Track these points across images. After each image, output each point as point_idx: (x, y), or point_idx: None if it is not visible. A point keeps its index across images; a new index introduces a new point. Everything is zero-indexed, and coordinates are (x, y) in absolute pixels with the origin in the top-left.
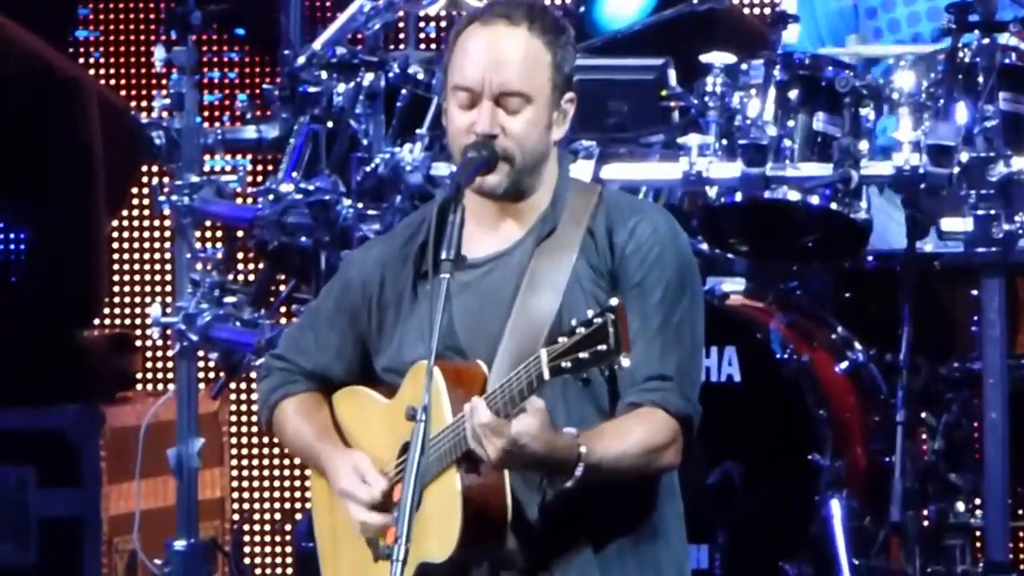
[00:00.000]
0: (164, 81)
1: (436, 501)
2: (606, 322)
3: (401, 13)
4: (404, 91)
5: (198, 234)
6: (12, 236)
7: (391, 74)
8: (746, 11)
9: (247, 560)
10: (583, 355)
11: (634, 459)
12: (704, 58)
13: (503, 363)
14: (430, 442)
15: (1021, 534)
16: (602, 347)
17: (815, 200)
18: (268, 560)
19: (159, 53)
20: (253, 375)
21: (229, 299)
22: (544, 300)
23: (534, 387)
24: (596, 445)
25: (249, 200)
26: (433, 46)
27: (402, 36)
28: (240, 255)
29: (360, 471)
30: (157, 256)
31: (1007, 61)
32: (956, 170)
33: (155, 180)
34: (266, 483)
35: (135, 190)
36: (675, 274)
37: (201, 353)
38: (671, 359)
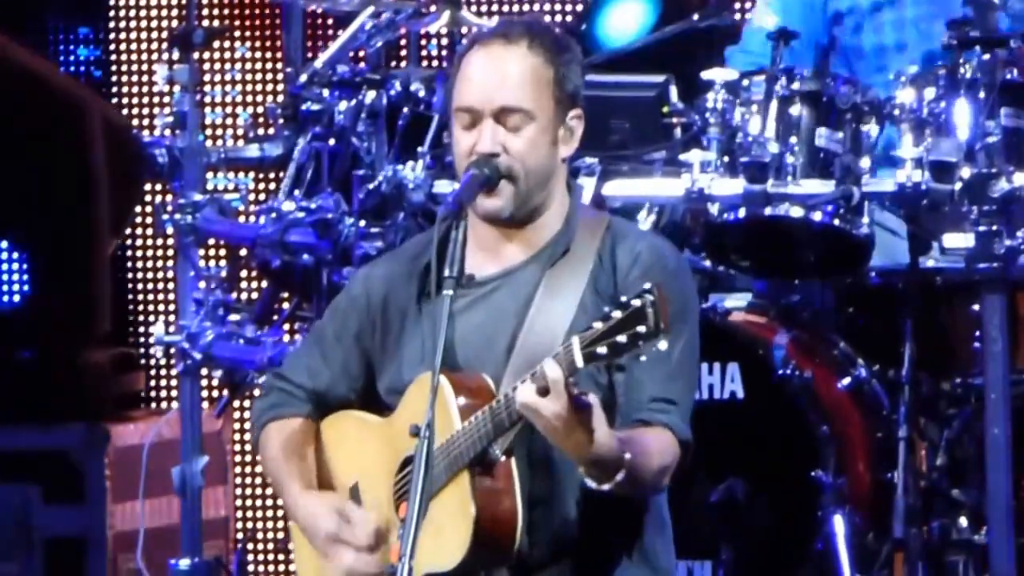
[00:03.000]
0: (166, 99)
1: (445, 508)
2: (644, 303)
3: (402, 31)
4: (405, 109)
5: (201, 253)
6: (16, 256)
7: (392, 92)
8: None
9: None
10: (620, 338)
11: (651, 477)
12: (705, 74)
13: (513, 376)
14: (438, 451)
15: None
16: (641, 328)
17: (817, 217)
18: None
19: (161, 71)
20: (257, 393)
21: (232, 317)
22: (555, 320)
23: (567, 374)
24: (635, 455)
25: (252, 218)
26: (434, 64)
27: (403, 54)
28: (243, 273)
29: (343, 513)
30: (160, 275)
31: (1008, 77)
32: (958, 186)
33: (158, 199)
34: (270, 502)
35: (138, 209)
36: (679, 303)
37: (204, 372)
38: (675, 385)
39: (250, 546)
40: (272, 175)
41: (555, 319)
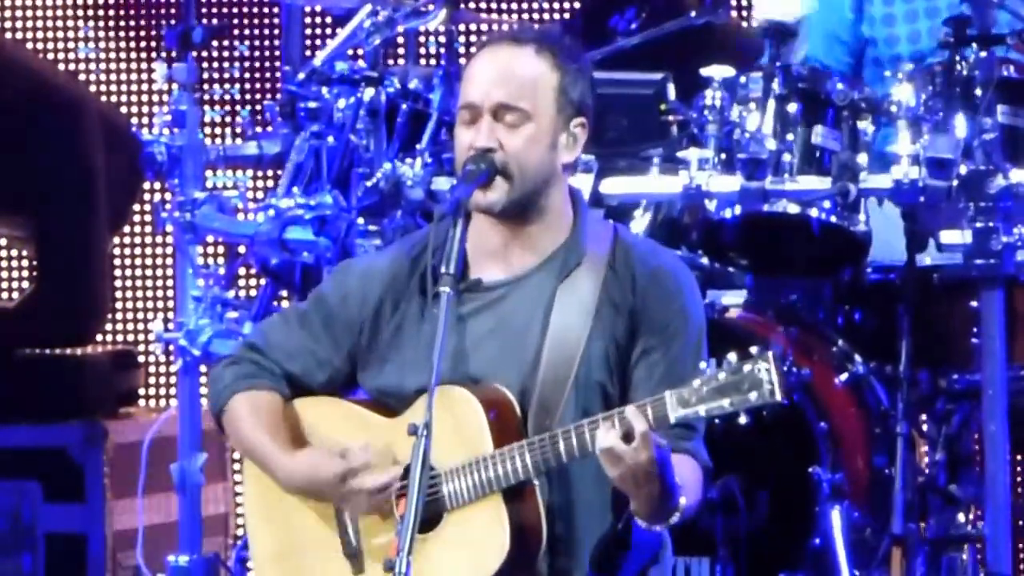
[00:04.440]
0: (165, 98)
1: (474, 525)
2: (758, 368)
3: (400, 29)
4: (404, 107)
5: (199, 250)
6: (14, 253)
7: (391, 90)
8: (744, 24)
9: None
10: (724, 402)
11: (690, 513)
12: (703, 72)
13: (544, 397)
14: (463, 465)
15: (1022, 546)
16: (753, 395)
17: (814, 213)
18: None
19: (160, 70)
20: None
21: (230, 315)
22: (573, 334)
23: (653, 428)
24: (688, 497)
25: (250, 216)
26: (433, 61)
27: (401, 51)
28: (241, 271)
29: (341, 451)
30: (159, 272)
31: (1005, 74)
32: (955, 183)
33: (157, 197)
34: None
35: (137, 207)
36: (696, 326)
37: (203, 368)
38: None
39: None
40: (271, 173)
41: (572, 335)
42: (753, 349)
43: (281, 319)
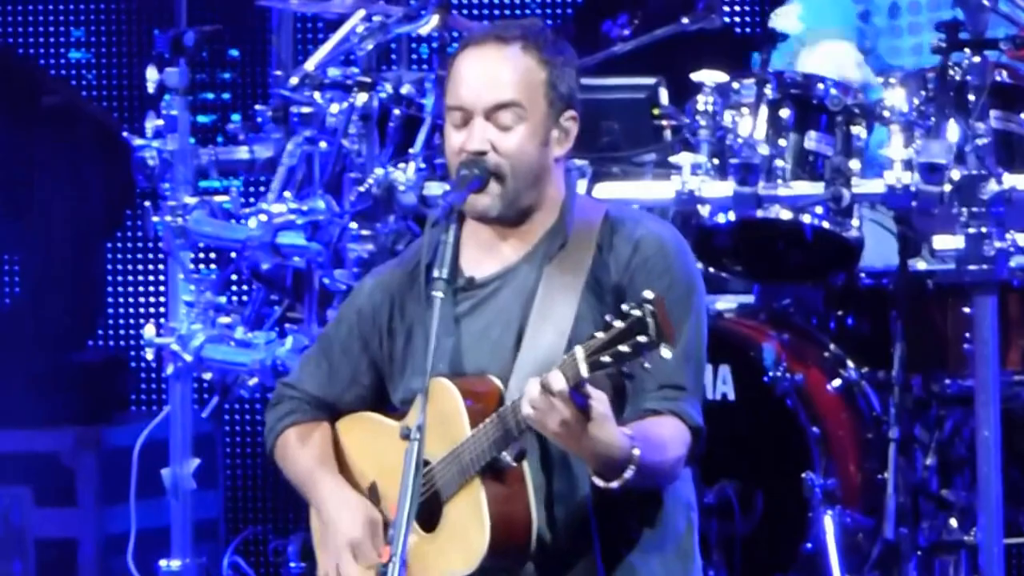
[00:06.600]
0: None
1: (459, 515)
2: (644, 313)
3: (393, 34)
4: (396, 111)
5: (191, 255)
6: (6, 258)
7: (383, 94)
8: (736, 31)
9: None
10: (623, 348)
11: (662, 470)
12: (695, 77)
13: (521, 377)
14: (448, 455)
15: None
16: (642, 338)
17: (807, 219)
18: None
19: (152, 75)
20: (245, 394)
21: (222, 320)
22: (558, 316)
23: (571, 385)
24: (646, 450)
25: (242, 221)
26: (425, 66)
27: (394, 56)
28: (233, 276)
29: (374, 525)
30: (151, 278)
31: (998, 79)
32: (947, 188)
33: (148, 202)
34: (260, 504)
35: (129, 212)
36: (683, 287)
37: (195, 374)
38: (683, 370)
39: (240, 548)
40: (263, 178)
41: (558, 315)
42: (647, 293)
43: (312, 349)
